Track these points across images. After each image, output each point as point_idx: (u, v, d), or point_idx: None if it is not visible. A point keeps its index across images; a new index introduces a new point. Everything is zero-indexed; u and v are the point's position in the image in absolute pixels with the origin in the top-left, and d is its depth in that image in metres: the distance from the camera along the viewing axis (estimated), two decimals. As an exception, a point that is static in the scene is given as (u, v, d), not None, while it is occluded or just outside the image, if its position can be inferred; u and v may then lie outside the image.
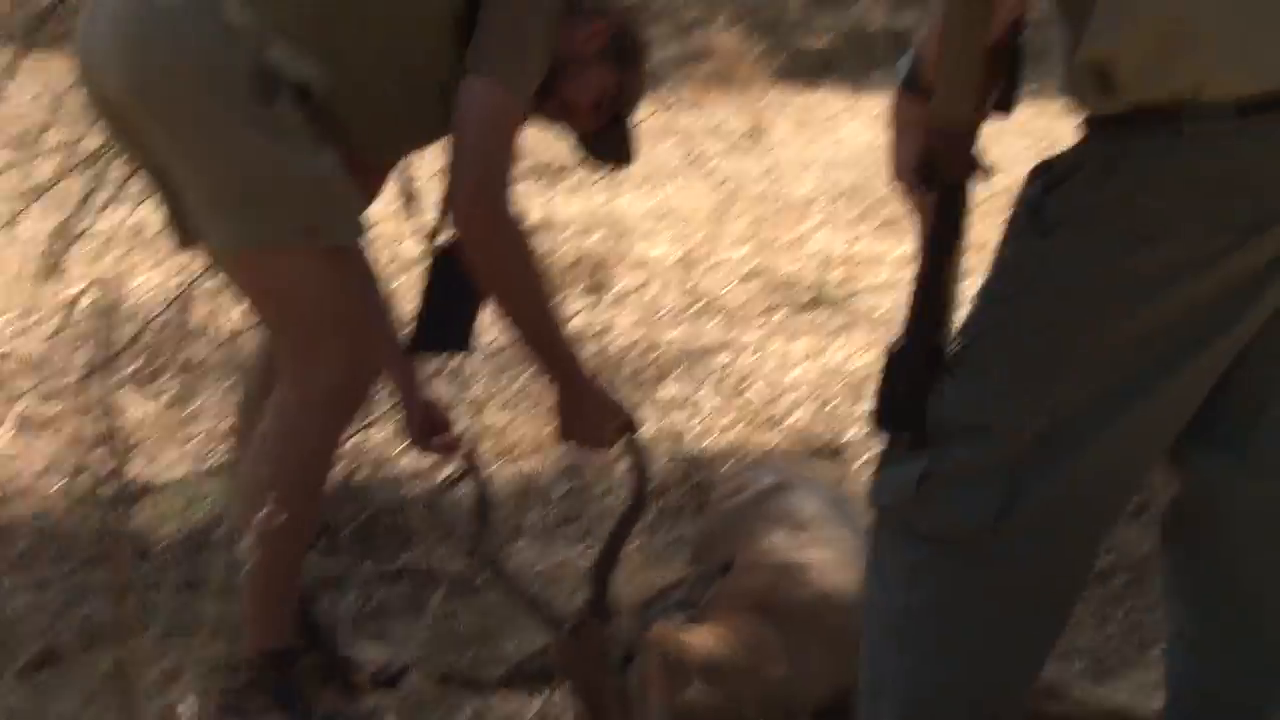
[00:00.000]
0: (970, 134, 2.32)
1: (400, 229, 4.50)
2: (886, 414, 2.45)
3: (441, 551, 4.01)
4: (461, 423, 4.35)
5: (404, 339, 3.33)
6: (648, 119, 3.57)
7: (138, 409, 4.85)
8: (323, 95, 2.96)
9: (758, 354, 5.36)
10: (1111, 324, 2.35)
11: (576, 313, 5.54)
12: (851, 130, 9.17)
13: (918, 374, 2.39)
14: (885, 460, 2.54)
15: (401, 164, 3.94)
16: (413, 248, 4.26)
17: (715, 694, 3.15)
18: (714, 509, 3.78)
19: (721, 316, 5.80)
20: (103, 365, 5.00)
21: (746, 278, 6.18)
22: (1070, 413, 2.37)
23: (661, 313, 5.73)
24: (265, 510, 2.69)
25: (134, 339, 5.14)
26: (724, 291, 6.05)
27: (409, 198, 3.44)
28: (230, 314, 5.08)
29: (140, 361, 5.16)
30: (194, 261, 4.59)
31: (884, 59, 10.65)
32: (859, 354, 5.38)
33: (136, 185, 4.55)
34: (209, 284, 4.77)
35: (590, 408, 3.18)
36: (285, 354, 3.09)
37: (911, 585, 2.53)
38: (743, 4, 11.75)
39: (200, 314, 5.10)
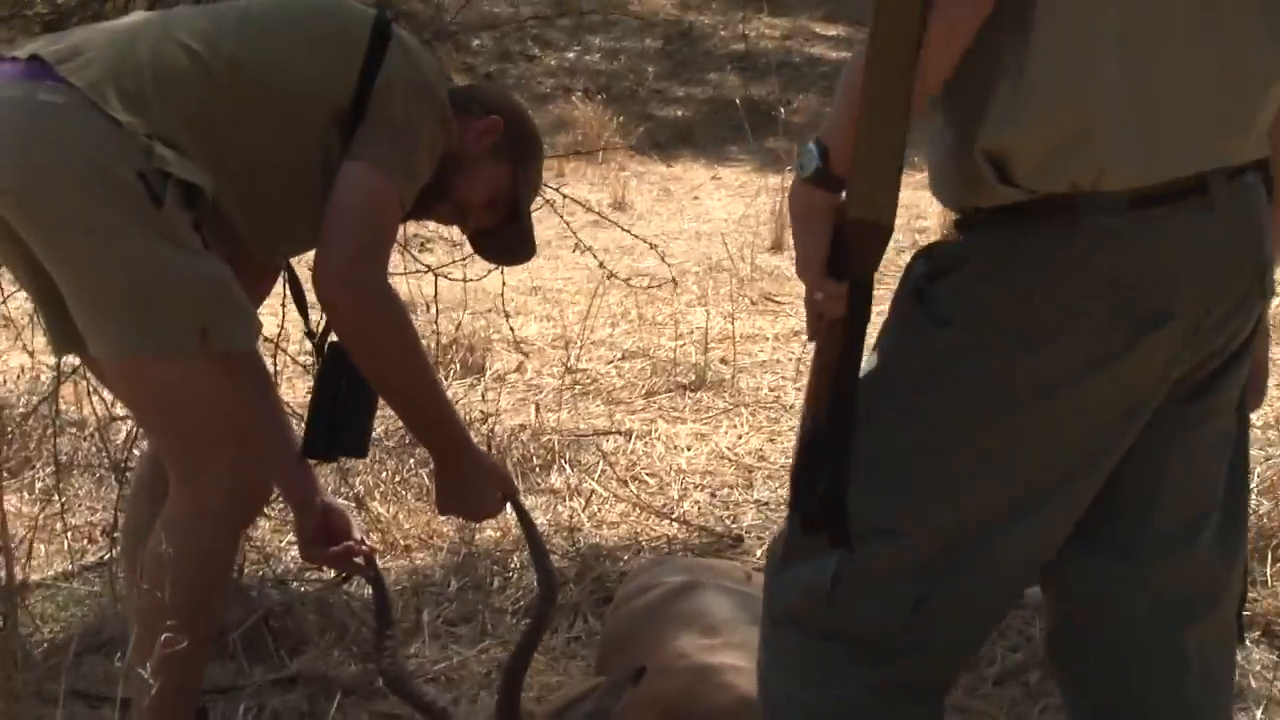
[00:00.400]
0: (891, 226, 2.26)
1: (288, 328, 4.39)
2: (811, 515, 2.40)
3: (336, 654, 3.90)
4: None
5: (297, 443, 3.25)
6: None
7: (5, 503, 4.67)
8: (211, 196, 2.89)
9: (644, 439, 5.33)
10: (1015, 422, 2.35)
11: (456, 398, 5.45)
12: (715, 202, 9.23)
13: (839, 473, 2.35)
14: (789, 558, 2.51)
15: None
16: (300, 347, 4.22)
17: None
18: (619, 609, 3.69)
19: (603, 399, 5.76)
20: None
21: (626, 357, 6.16)
22: (977, 512, 2.38)
23: (542, 395, 5.66)
24: (165, 636, 2.62)
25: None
26: (604, 373, 6.00)
27: (297, 297, 3.34)
28: (99, 405, 4.93)
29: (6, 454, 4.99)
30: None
31: (741, 129, 10.77)
32: (747, 437, 5.37)
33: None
34: (78, 374, 4.61)
35: (477, 476, 3.14)
36: (174, 464, 2.99)
37: (824, 685, 2.52)
38: (599, 75, 11.84)
39: (69, 404, 4.90)
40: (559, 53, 12.41)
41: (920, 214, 8.66)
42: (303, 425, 3.25)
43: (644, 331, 6.34)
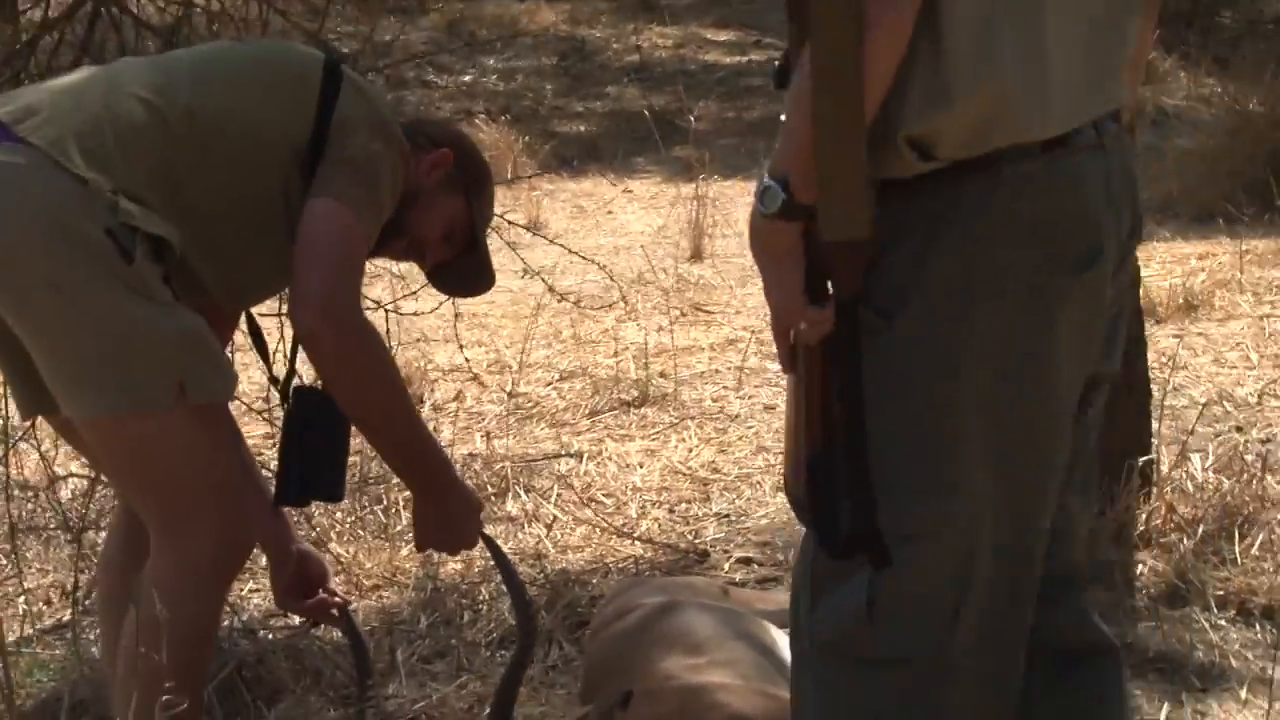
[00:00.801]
0: (869, 239, 2.26)
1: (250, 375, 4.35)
2: (836, 543, 2.39)
3: (313, 700, 3.85)
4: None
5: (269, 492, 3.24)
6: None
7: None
8: (178, 249, 2.88)
9: (595, 460, 5.31)
10: (985, 392, 2.36)
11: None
12: (629, 215, 9.22)
13: (861, 495, 2.34)
14: (818, 591, 2.48)
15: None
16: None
17: None
18: (599, 634, 3.67)
19: (547, 422, 5.72)
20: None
21: (565, 378, 6.13)
22: (981, 494, 2.38)
23: (486, 421, 5.62)
24: (165, 699, 2.60)
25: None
26: (546, 395, 5.97)
27: (258, 343, 3.31)
28: (41, 467, 4.86)
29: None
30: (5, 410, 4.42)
31: (645, 140, 10.79)
32: (698, 450, 5.35)
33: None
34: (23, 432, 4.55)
35: (460, 510, 3.14)
36: (155, 522, 2.95)
37: (875, 715, 2.49)
38: (498, 96, 11.83)
39: (17, 463, 4.80)
40: (455, 76, 12.37)
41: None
42: (272, 473, 3.22)
43: (580, 350, 6.31)
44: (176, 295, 2.86)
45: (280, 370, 3.30)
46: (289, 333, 3.26)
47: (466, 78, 12.35)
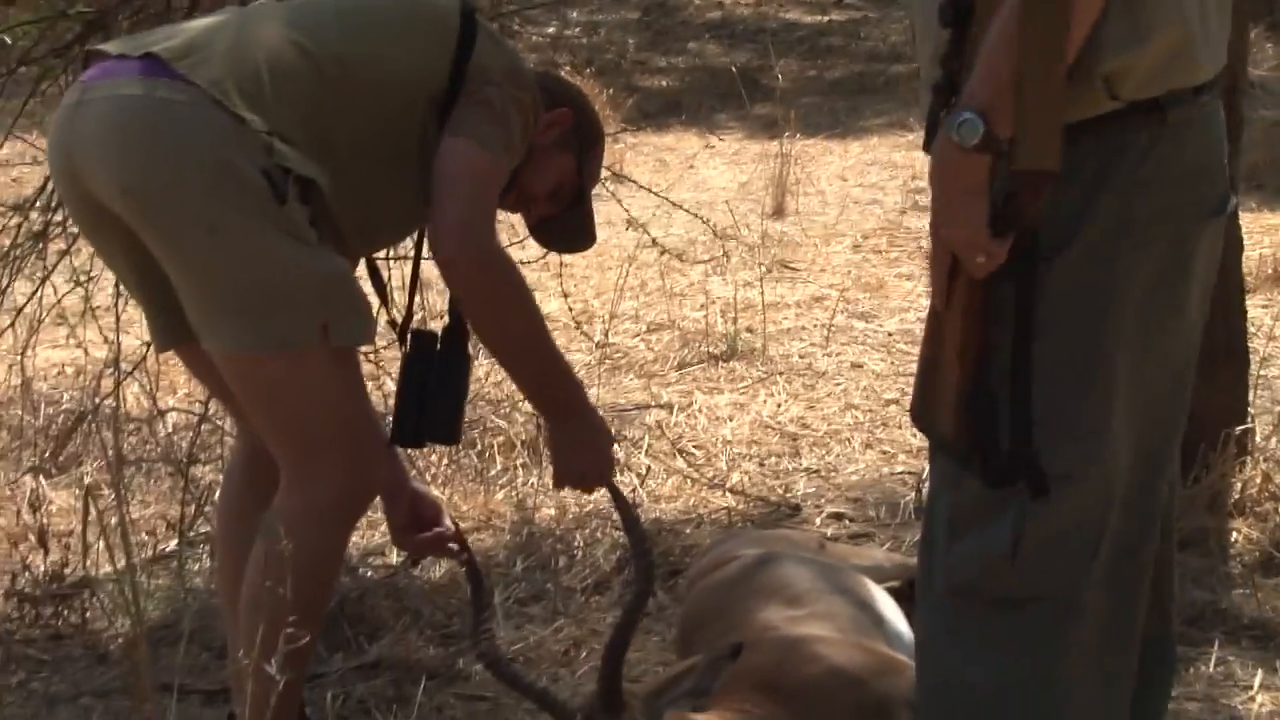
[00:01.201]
0: (1059, 171, 2.29)
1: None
2: (994, 473, 2.40)
3: (414, 639, 3.88)
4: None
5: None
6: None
7: (57, 500, 4.64)
8: (325, 191, 2.89)
9: (685, 411, 5.31)
10: (1139, 336, 2.42)
11: (489, 376, 5.43)
12: (711, 171, 9.20)
13: (1022, 425, 2.36)
14: (956, 530, 2.50)
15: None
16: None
17: None
18: (696, 585, 3.69)
19: (636, 373, 5.74)
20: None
21: (652, 330, 6.13)
22: (1130, 439, 2.45)
23: (576, 371, 5.63)
24: (290, 628, 2.65)
25: (48, 427, 4.97)
26: (634, 346, 5.97)
27: (378, 287, 3.32)
28: (145, 402, 4.90)
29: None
30: (107, 348, 4.47)
31: (727, 96, 10.75)
32: (786, 406, 5.35)
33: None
34: (124, 368, 4.58)
35: (594, 434, 3.15)
36: (286, 459, 2.97)
37: (1015, 654, 2.52)
38: (581, 49, 11.81)
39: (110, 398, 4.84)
40: (539, 28, 12.34)
41: (917, 174, 8.66)
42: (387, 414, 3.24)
43: (668, 303, 6.29)
44: (320, 238, 2.88)
45: (399, 315, 3.31)
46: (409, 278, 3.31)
47: (550, 30, 12.31)
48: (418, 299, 3.32)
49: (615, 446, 3.20)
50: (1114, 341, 2.43)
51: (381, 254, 3.61)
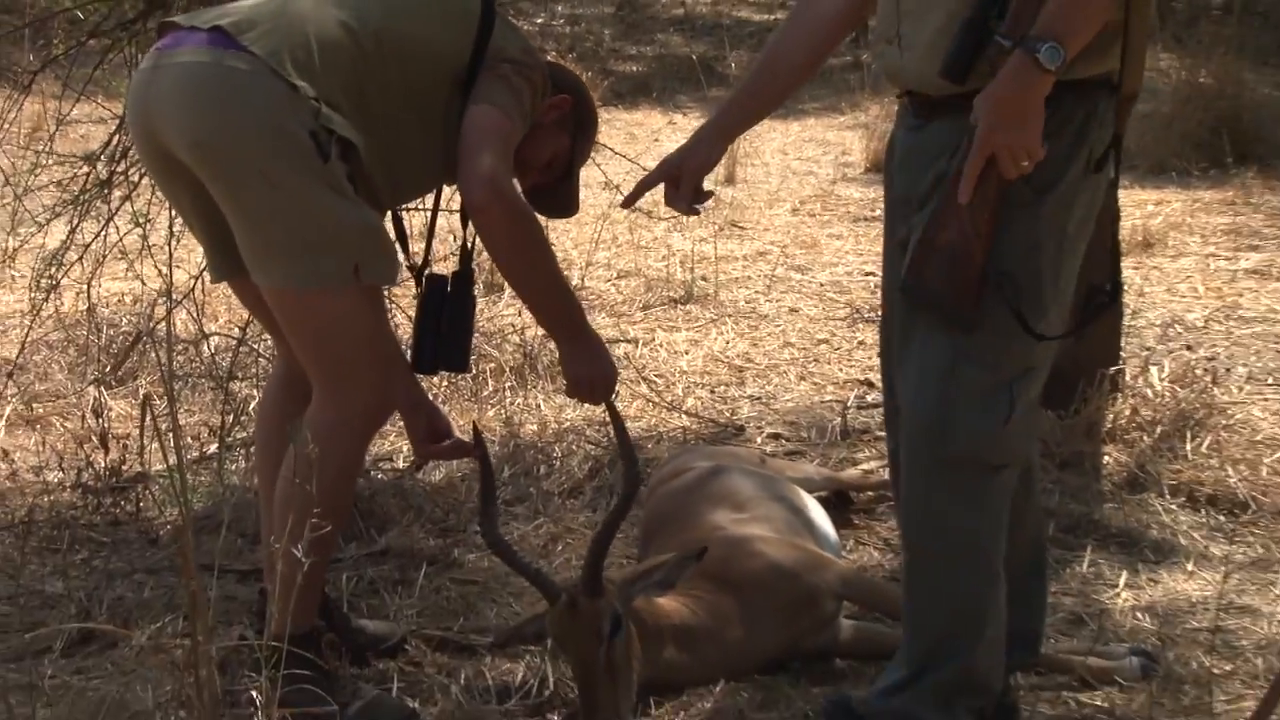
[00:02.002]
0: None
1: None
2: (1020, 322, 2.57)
3: (417, 531, 3.88)
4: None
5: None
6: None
7: (116, 407, 4.61)
8: (362, 152, 2.88)
9: (648, 345, 5.30)
10: (1077, 252, 2.64)
11: (484, 312, 5.40)
12: (673, 144, 9.04)
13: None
14: (953, 412, 2.60)
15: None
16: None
17: (685, 655, 3.13)
18: (656, 491, 3.70)
19: (608, 312, 5.71)
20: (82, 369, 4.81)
21: (621, 276, 6.12)
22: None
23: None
24: (314, 519, 2.65)
25: (109, 346, 4.93)
26: (606, 290, 5.95)
27: (400, 235, 3.29)
28: (191, 324, 4.87)
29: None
30: (161, 280, 4.44)
31: (688, 81, 10.70)
32: (734, 342, 5.35)
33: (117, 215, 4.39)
34: (175, 298, 4.55)
35: (599, 350, 3.12)
36: (320, 379, 2.95)
37: (990, 514, 2.69)
38: (564, 38, 11.73)
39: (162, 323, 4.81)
40: (529, 19, 12.25)
41: (846, 150, 8.65)
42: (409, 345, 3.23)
43: (635, 254, 6.28)
44: (356, 191, 2.87)
45: (417, 261, 3.29)
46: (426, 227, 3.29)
47: (539, 20, 12.23)
48: (426, 247, 3.28)
49: (615, 365, 3.16)
50: (1075, 247, 2.62)
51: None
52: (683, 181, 2.91)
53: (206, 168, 2.81)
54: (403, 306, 4.29)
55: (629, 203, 3.07)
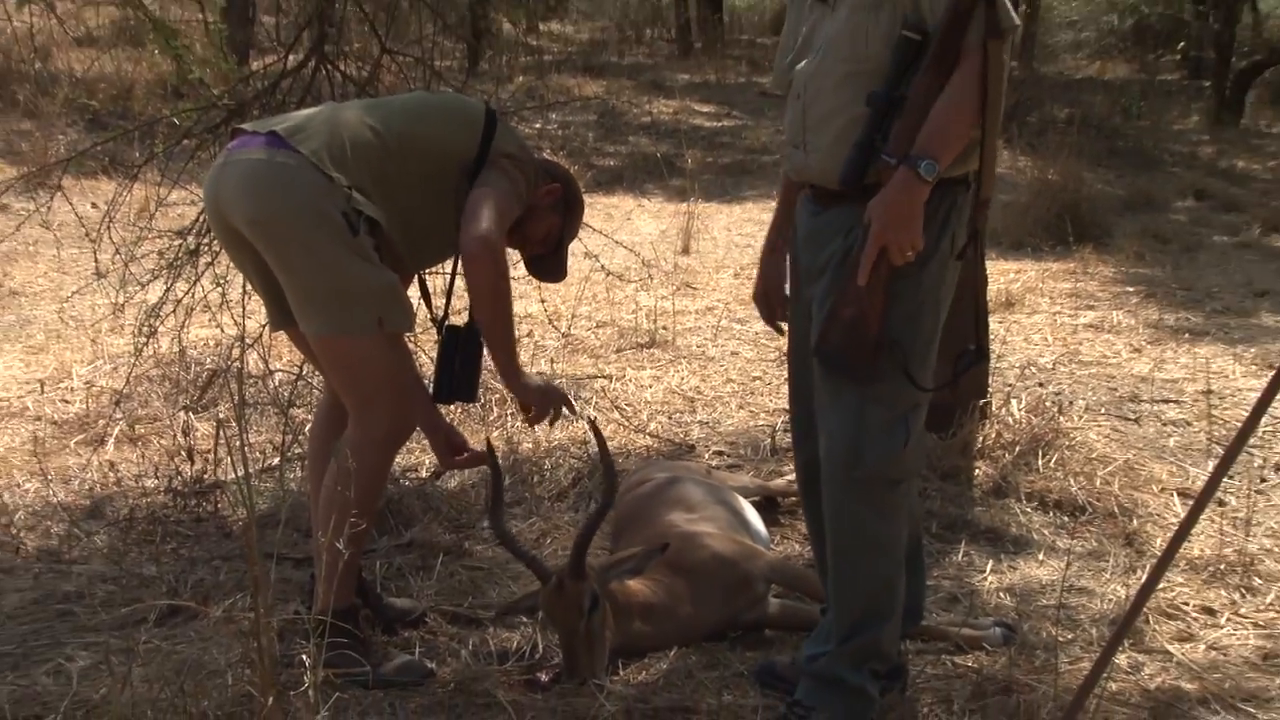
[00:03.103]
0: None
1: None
2: (895, 383, 2.58)
3: (435, 527, 3.85)
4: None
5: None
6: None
7: (200, 428, 4.56)
8: (385, 227, 2.87)
9: (619, 381, 5.26)
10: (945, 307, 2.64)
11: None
12: (641, 222, 9.14)
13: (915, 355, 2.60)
14: (864, 439, 2.59)
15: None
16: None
17: (649, 627, 3.13)
18: (625, 496, 3.67)
19: (588, 354, 5.68)
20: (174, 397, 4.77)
21: (599, 326, 6.08)
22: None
23: (548, 352, 5.57)
24: (352, 518, 2.66)
25: (195, 379, 4.89)
26: (587, 337, 5.92)
27: (424, 294, 3.27)
28: (260, 363, 4.83)
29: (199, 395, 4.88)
30: (235, 326, 4.41)
31: (654, 173, 10.70)
32: (687, 379, 5.32)
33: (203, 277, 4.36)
34: (247, 342, 4.51)
35: (535, 386, 3.06)
36: (353, 406, 2.93)
37: (895, 518, 2.68)
38: (558, 138, 11.71)
39: (237, 361, 4.79)
40: (530, 123, 12.23)
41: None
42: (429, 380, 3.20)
43: (609, 309, 6.25)
44: (382, 259, 2.85)
45: (439, 313, 3.26)
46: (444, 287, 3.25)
47: (537, 125, 12.21)
48: (446, 303, 3.26)
49: (560, 394, 3.11)
50: (943, 315, 2.63)
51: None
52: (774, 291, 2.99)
53: (262, 240, 2.80)
54: (426, 350, 4.26)
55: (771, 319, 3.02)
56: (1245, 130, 13.36)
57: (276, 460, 4.22)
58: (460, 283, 3.27)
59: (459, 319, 3.11)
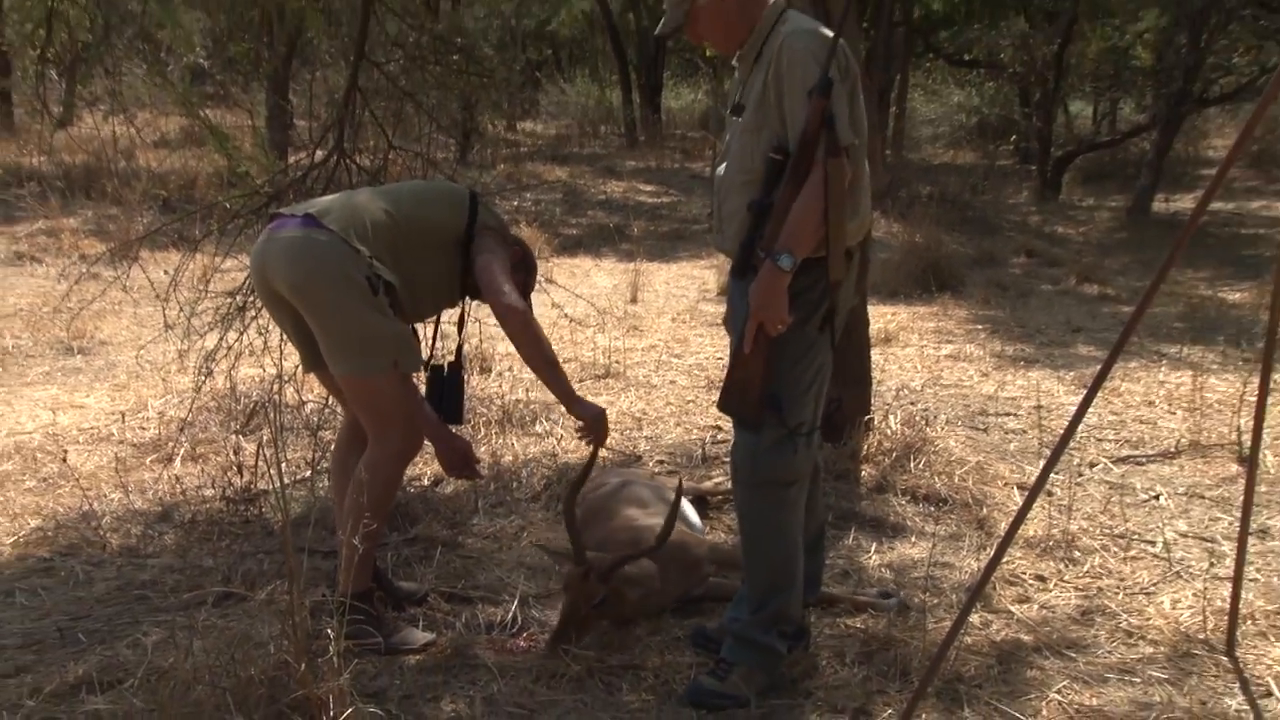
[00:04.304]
0: (841, 282, 2.51)
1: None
2: (788, 430, 2.57)
3: (435, 525, 3.80)
4: (431, 453, 4.15)
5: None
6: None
7: (247, 448, 4.49)
8: (397, 288, 2.85)
9: (582, 405, 5.20)
10: (824, 358, 2.60)
11: (477, 383, 5.35)
12: (598, 278, 9.12)
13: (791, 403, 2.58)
14: (757, 458, 2.58)
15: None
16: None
17: (634, 596, 3.05)
18: (588, 496, 3.62)
19: (557, 384, 5.62)
20: (228, 424, 4.69)
21: (565, 361, 6.00)
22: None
23: (526, 383, 5.53)
24: (366, 517, 2.68)
25: (243, 409, 4.82)
26: (556, 370, 5.87)
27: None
28: (295, 395, 4.77)
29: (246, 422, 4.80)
30: (274, 367, 4.37)
31: (609, 239, 10.69)
32: (635, 403, 5.28)
33: (249, 329, 4.30)
34: (284, 379, 4.46)
35: (590, 408, 3.00)
36: (371, 430, 2.90)
37: (790, 510, 2.66)
38: (530, 211, 11.68)
39: (276, 395, 4.71)
40: (508, 201, 12.20)
41: (705, 283, 8.67)
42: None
43: (573, 347, 6.22)
44: (395, 313, 2.83)
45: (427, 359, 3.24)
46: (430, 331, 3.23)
47: (515, 202, 12.18)
48: (431, 348, 3.23)
49: (607, 420, 3.05)
50: (820, 361, 2.58)
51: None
52: None
53: (301, 301, 2.77)
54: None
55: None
56: (1063, 204, 13.57)
57: (308, 473, 4.15)
58: (445, 329, 3.27)
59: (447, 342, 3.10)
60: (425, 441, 3.06)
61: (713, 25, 2.59)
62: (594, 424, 3.00)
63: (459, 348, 3.19)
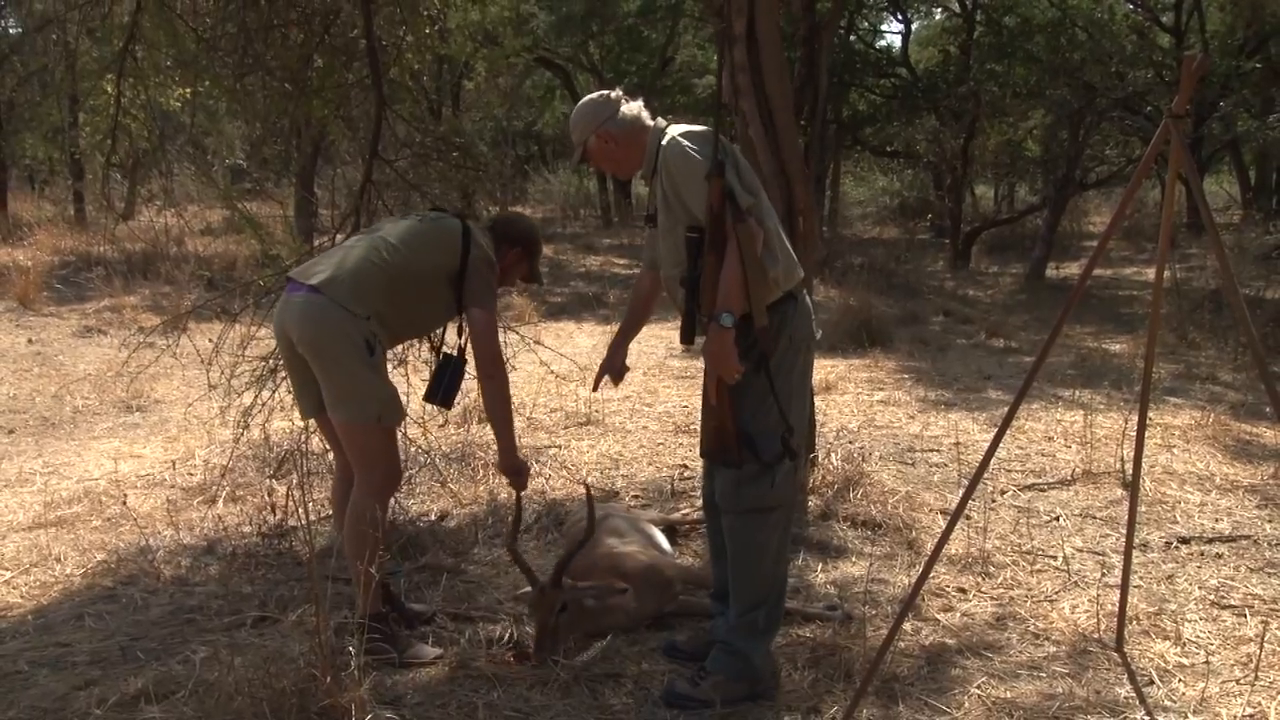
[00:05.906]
0: (766, 325, 2.46)
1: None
2: (761, 461, 2.53)
3: (441, 554, 3.77)
4: (438, 492, 4.14)
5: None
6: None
7: (279, 489, 4.46)
8: (396, 328, 2.89)
9: (566, 448, 5.21)
10: (801, 391, 2.55)
11: (484, 437, 5.33)
12: (580, 339, 9.15)
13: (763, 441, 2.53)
14: (740, 490, 2.55)
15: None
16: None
17: (614, 617, 3.05)
18: (571, 529, 3.62)
19: (544, 431, 5.62)
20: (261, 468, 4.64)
21: (552, 410, 6.03)
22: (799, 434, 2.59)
23: (518, 431, 5.50)
24: (370, 549, 2.71)
25: (275, 457, 4.78)
26: (543, 418, 5.88)
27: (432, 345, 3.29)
28: (319, 444, 4.73)
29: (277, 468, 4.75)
30: (304, 422, 4.28)
31: (589, 306, 10.74)
32: (613, 446, 5.27)
33: (278, 385, 4.29)
34: (310, 430, 4.42)
35: (518, 461, 2.99)
36: (358, 471, 2.90)
37: (775, 531, 2.62)
38: (519, 285, 11.68)
39: (303, 443, 4.68)
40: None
41: (671, 342, 8.69)
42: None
43: (559, 399, 6.21)
44: (395, 343, 2.85)
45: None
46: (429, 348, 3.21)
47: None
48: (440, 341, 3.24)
49: (528, 471, 3.05)
50: (795, 396, 2.54)
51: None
52: (613, 369, 3.01)
53: (309, 356, 2.79)
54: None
55: (595, 387, 3.04)
56: (972, 271, 13.80)
57: (331, 511, 4.10)
58: (451, 328, 3.22)
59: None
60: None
61: (605, 159, 2.67)
62: (516, 476, 2.99)
63: (462, 347, 3.13)
